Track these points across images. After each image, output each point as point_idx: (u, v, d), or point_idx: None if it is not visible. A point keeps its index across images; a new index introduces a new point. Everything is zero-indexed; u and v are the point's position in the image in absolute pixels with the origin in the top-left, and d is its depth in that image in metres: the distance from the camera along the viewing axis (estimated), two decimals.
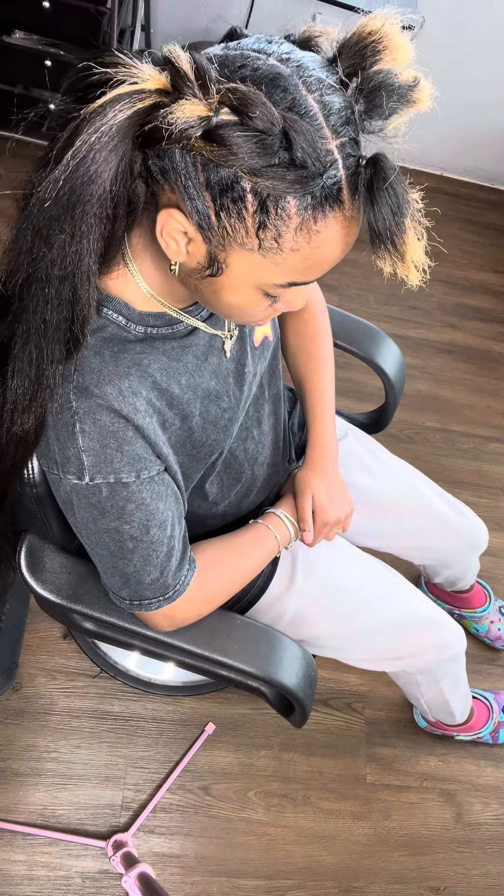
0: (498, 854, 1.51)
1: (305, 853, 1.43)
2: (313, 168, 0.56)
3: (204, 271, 0.65)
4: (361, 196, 0.59)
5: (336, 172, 0.58)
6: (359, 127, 0.59)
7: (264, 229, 0.59)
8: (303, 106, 0.56)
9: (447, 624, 1.21)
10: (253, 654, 0.95)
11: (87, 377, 0.70)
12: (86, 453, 0.72)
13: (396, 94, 0.58)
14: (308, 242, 0.61)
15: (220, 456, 0.94)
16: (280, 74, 0.57)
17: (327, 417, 1.09)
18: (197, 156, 0.57)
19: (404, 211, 0.57)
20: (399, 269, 0.59)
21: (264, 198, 0.57)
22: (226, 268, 0.64)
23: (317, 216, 0.59)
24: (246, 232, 0.60)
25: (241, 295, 0.67)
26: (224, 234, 0.60)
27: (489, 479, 2.02)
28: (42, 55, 1.91)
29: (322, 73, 0.58)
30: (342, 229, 0.61)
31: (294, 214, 0.58)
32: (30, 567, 0.94)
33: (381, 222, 0.57)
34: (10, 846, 1.34)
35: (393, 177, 0.56)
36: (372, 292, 2.30)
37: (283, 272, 0.63)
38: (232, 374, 0.88)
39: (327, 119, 0.57)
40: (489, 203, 2.70)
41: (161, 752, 1.47)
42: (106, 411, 0.71)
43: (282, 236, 0.60)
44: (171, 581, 0.83)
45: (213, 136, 0.55)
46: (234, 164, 0.55)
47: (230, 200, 0.58)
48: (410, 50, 0.58)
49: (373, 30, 0.58)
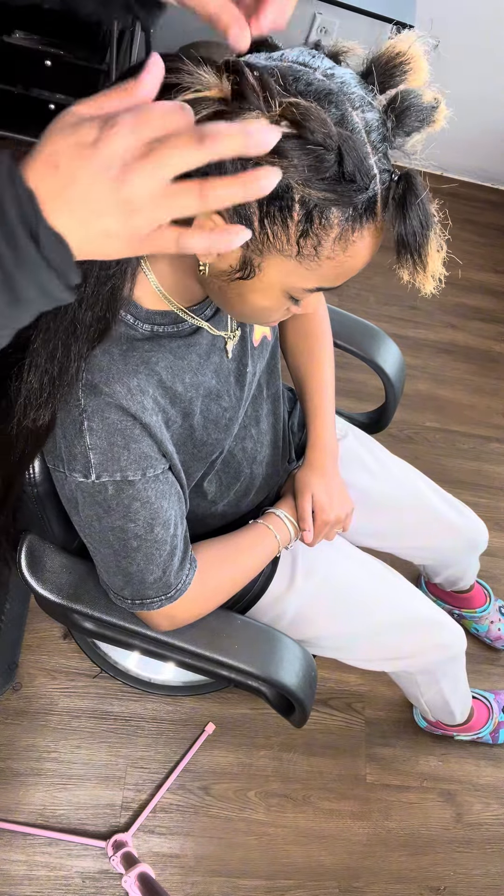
0: (498, 854, 1.51)
1: (305, 853, 1.43)
2: (361, 182, 0.59)
3: (234, 274, 0.66)
4: (391, 208, 0.61)
5: (375, 186, 0.60)
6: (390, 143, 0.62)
7: (306, 237, 0.61)
8: (350, 122, 0.58)
9: (447, 624, 1.21)
10: (253, 654, 0.95)
11: (96, 375, 0.70)
12: (93, 451, 0.72)
13: (423, 114, 0.61)
14: (344, 252, 0.63)
15: (220, 455, 0.94)
16: (331, 91, 0.58)
17: (327, 417, 1.09)
18: (248, 164, 0.57)
19: (431, 224, 0.60)
20: (419, 277, 0.61)
21: (311, 208, 0.59)
22: (259, 272, 0.65)
23: (355, 227, 0.61)
24: (287, 239, 0.61)
25: (268, 298, 0.68)
26: (265, 239, 0.62)
27: (489, 479, 2.02)
28: (42, 55, 1.91)
29: (361, 90, 0.60)
30: (373, 239, 0.64)
31: (336, 225, 0.60)
32: (30, 567, 0.94)
33: (412, 235, 0.60)
34: (10, 846, 1.34)
35: (424, 194, 0.59)
36: (372, 292, 2.30)
37: (314, 278, 0.65)
38: (233, 373, 0.88)
39: (369, 135, 0.59)
40: (489, 203, 2.70)
41: (161, 752, 1.47)
42: (114, 409, 0.71)
43: (321, 245, 0.61)
44: (173, 580, 0.84)
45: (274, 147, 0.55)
46: (291, 176, 0.57)
47: (277, 209, 0.60)
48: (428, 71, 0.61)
49: (401, 51, 0.61)
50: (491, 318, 2.39)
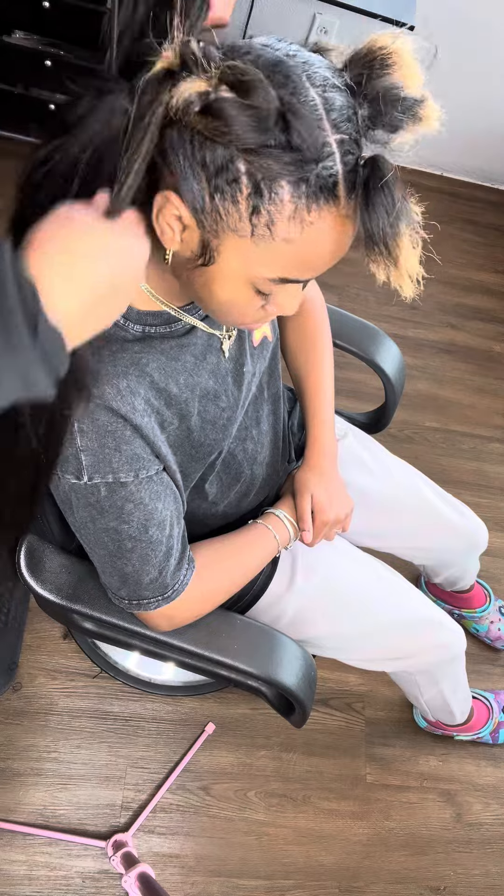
0: (498, 854, 1.51)
1: (305, 853, 1.43)
2: (308, 153, 0.57)
3: (196, 260, 0.65)
4: (358, 196, 0.59)
5: (333, 165, 0.58)
6: (360, 128, 0.60)
7: (258, 214, 0.59)
8: (304, 94, 0.57)
9: (447, 624, 1.21)
10: (253, 654, 0.95)
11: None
12: (84, 453, 0.72)
13: (402, 106, 0.58)
14: (300, 233, 0.60)
15: (219, 456, 0.94)
16: (282, 61, 0.58)
17: (326, 417, 1.09)
18: (195, 133, 0.57)
19: (400, 213, 0.57)
20: (393, 276, 0.59)
21: (258, 180, 0.58)
22: (217, 256, 0.64)
23: (310, 206, 0.59)
24: (239, 217, 0.60)
25: (232, 288, 0.67)
26: (217, 218, 0.61)
27: (489, 479, 2.02)
28: (42, 55, 1.91)
29: (327, 72, 0.59)
30: (337, 226, 0.61)
31: (288, 201, 0.59)
32: (30, 567, 0.94)
33: (375, 221, 0.57)
34: (10, 846, 1.34)
35: (389, 176, 0.57)
36: (372, 292, 2.30)
37: (274, 265, 0.63)
38: (230, 373, 0.88)
39: (328, 113, 0.57)
40: (489, 203, 2.70)
41: (161, 752, 1.47)
42: (104, 411, 0.71)
43: (275, 223, 0.60)
44: (169, 581, 0.83)
45: (210, 109, 0.55)
46: (231, 141, 0.56)
47: (225, 181, 0.58)
48: (420, 74, 0.59)
49: (383, 44, 0.59)
50: (491, 318, 2.39)
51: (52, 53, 1.91)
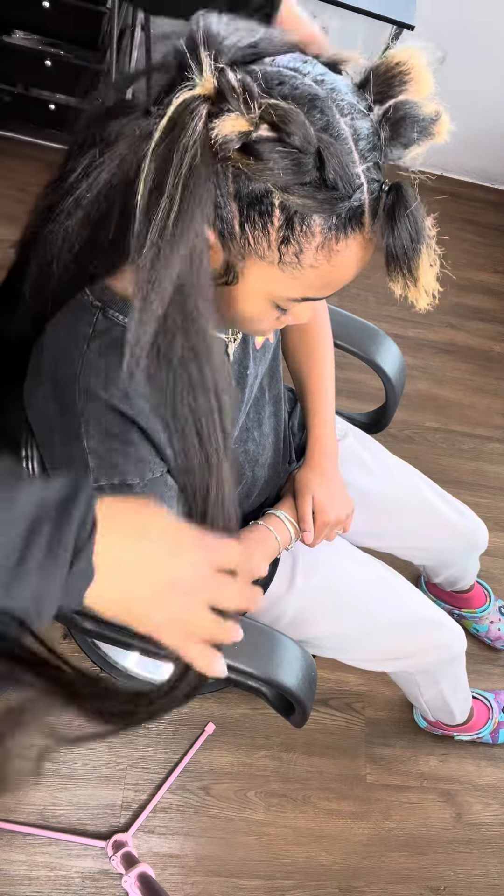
0: (498, 854, 1.51)
1: (305, 853, 1.43)
2: (343, 190, 0.58)
3: (219, 279, 0.66)
4: (380, 220, 0.60)
5: (361, 196, 0.59)
6: (383, 153, 0.61)
7: (287, 244, 0.60)
8: (336, 129, 0.57)
9: (447, 624, 1.21)
10: (253, 655, 0.95)
11: (92, 379, 0.70)
12: (90, 455, 0.72)
13: (419, 126, 0.60)
14: (328, 261, 0.62)
15: None
16: (317, 96, 0.58)
17: (327, 418, 1.09)
18: (229, 166, 0.57)
19: (422, 237, 0.59)
20: (411, 292, 0.61)
21: (291, 214, 0.59)
22: (241, 278, 0.65)
23: (339, 236, 0.60)
24: (268, 245, 0.61)
25: (253, 305, 0.68)
26: (245, 244, 0.61)
27: (489, 479, 2.02)
28: (42, 55, 1.91)
29: (353, 98, 0.60)
30: (360, 250, 0.63)
31: (318, 233, 0.60)
32: None
33: (400, 248, 0.59)
34: (10, 846, 1.34)
35: (414, 205, 0.58)
36: (372, 292, 2.30)
37: (298, 287, 0.64)
38: (234, 376, 0.88)
39: (357, 143, 0.58)
40: (489, 203, 2.70)
41: (161, 752, 1.47)
42: (111, 413, 0.71)
43: (303, 252, 0.61)
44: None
45: (251, 149, 0.55)
46: (268, 180, 0.56)
47: (257, 213, 0.59)
48: (432, 83, 0.60)
49: (401, 61, 0.59)
50: (491, 318, 2.39)
51: (52, 53, 1.91)
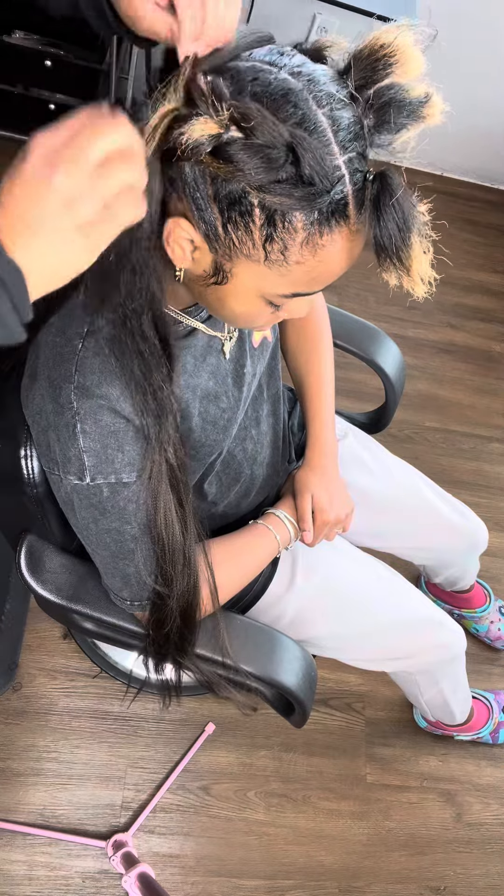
0: (498, 854, 1.51)
1: (305, 853, 1.43)
2: (321, 185, 0.57)
3: (209, 279, 0.66)
4: (367, 210, 0.59)
5: (343, 188, 0.58)
6: (367, 142, 0.59)
7: (271, 242, 0.60)
8: (312, 121, 0.56)
9: (447, 624, 1.21)
10: (253, 655, 0.95)
11: (88, 378, 0.70)
12: (87, 454, 0.72)
13: (407, 110, 0.58)
14: (313, 256, 0.61)
15: (219, 456, 0.94)
16: (291, 90, 0.57)
17: (327, 417, 1.09)
18: (206, 169, 0.57)
19: (410, 226, 0.57)
20: (405, 282, 0.59)
21: (272, 212, 0.58)
22: (231, 277, 0.64)
23: (323, 231, 0.59)
24: (253, 244, 0.60)
25: (246, 303, 0.67)
26: (231, 245, 0.61)
27: (489, 479, 2.02)
28: (42, 55, 1.91)
29: (333, 87, 0.58)
30: (347, 243, 0.61)
31: (301, 229, 0.59)
32: (30, 567, 0.94)
33: (387, 238, 0.57)
34: (10, 846, 1.34)
35: (399, 193, 0.57)
36: (372, 292, 2.30)
37: (287, 283, 0.64)
38: (230, 374, 0.88)
39: (336, 134, 0.57)
40: (489, 203, 2.70)
41: (161, 752, 1.47)
42: (107, 412, 0.71)
43: (288, 249, 0.60)
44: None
45: (221, 152, 0.55)
46: (241, 180, 0.56)
47: (238, 214, 0.59)
48: (422, 62, 0.58)
49: (385, 42, 0.57)
50: (490, 318, 2.39)
51: (52, 53, 1.91)
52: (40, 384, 0.74)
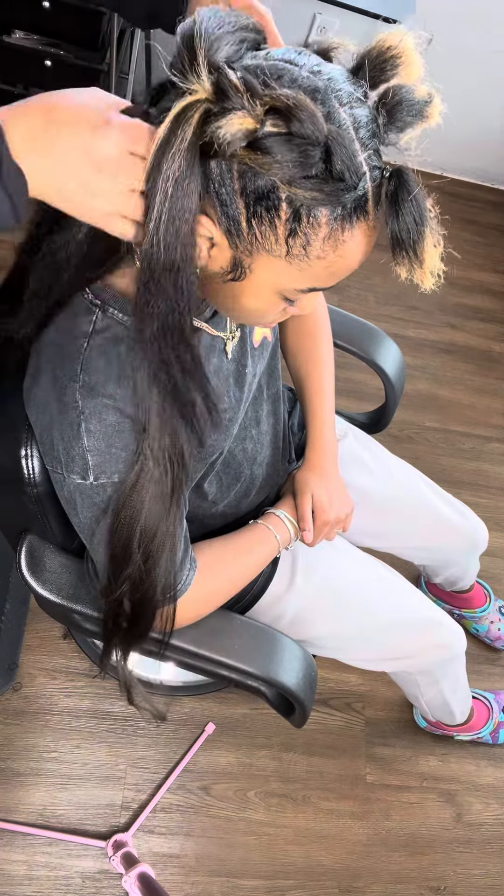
0: (498, 854, 1.51)
1: (305, 853, 1.43)
2: (350, 181, 0.58)
3: (226, 275, 0.66)
4: (384, 206, 0.61)
5: (365, 184, 0.59)
6: (381, 139, 0.61)
7: (294, 237, 0.60)
8: (337, 119, 0.57)
9: (447, 624, 1.21)
10: (253, 654, 0.95)
11: (93, 377, 0.70)
12: (91, 453, 0.72)
13: (414, 110, 0.60)
14: (334, 251, 0.62)
15: (219, 456, 0.94)
16: (317, 88, 0.57)
17: (327, 417, 1.09)
18: (233, 164, 0.57)
19: (425, 220, 0.59)
20: (416, 274, 0.60)
21: (298, 207, 0.59)
22: (249, 273, 0.65)
23: (345, 226, 0.60)
24: (276, 239, 0.61)
25: (261, 299, 0.68)
26: (253, 240, 0.61)
27: (489, 479, 2.02)
28: (42, 55, 1.91)
29: (349, 86, 0.59)
30: (365, 238, 0.63)
31: (324, 224, 0.60)
32: (30, 567, 0.94)
33: (405, 232, 0.59)
34: (10, 846, 1.34)
35: (417, 189, 0.58)
36: (372, 292, 2.30)
37: (306, 278, 0.64)
38: (232, 374, 0.88)
39: (357, 132, 0.58)
40: (489, 203, 2.70)
41: (161, 752, 1.47)
42: (112, 411, 0.71)
43: (310, 244, 0.61)
44: (173, 581, 0.83)
45: (258, 145, 0.56)
46: (275, 174, 0.57)
47: (264, 209, 0.59)
48: (422, 65, 0.60)
49: (392, 45, 0.60)
50: (491, 318, 2.39)
51: (52, 53, 1.91)
52: (44, 383, 0.74)
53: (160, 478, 0.72)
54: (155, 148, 0.55)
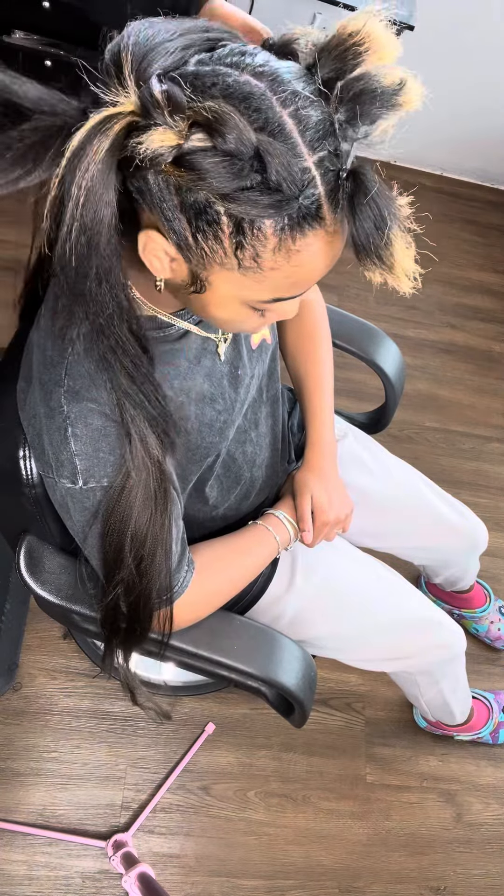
0: (498, 854, 1.51)
1: (305, 853, 1.43)
2: (289, 191, 0.54)
3: (188, 288, 0.64)
4: (344, 208, 0.57)
5: (314, 191, 0.55)
6: (339, 138, 0.57)
7: (242, 249, 0.58)
8: (276, 123, 0.54)
9: (447, 624, 1.21)
10: (253, 655, 0.95)
11: (77, 381, 0.70)
12: (78, 457, 0.72)
13: (380, 100, 0.54)
14: (288, 262, 0.59)
15: (218, 459, 0.94)
16: (251, 94, 0.54)
17: (326, 418, 1.09)
18: (169, 179, 0.55)
19: (389, 222, 0.55)
20: (389, 279, 0.57)
21: (239, 220, 0.56)
22: (209, 286, 0.63)
23: (295, 236, 0.57)
24: (224, 253, 0.58)
25: (229, 310, 0.66)
26: (203, 254, 0.59)
27: (489, 479, 2.02)
28: (42, 55, 1.91)
29: (299, 84, 0.55)
30: (324, 245, 0.59)
31: (271, 235, 0.57)
32: (29, 568, 0.94)
33: (364, 237, 0.55)
34: (10, 846, 1.34)
35: (374, 190, 0.54)
36: (372, 292, 2.30)
37: (266, 289, 0.62)
38: (226, 376, 0.87)
39: (303, 135, 0.54)
40: (489, 203, 2.70)
41: (161, 752, 1.47)
42: (98, 415, 0.71)
43: (260, 256, 0.58)
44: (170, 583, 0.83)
45: (183, 161, 0.53)
46: (205, 189, 0.54)
47: (205, 223, 0.57)
48: (397, 46, 0.54)
49: (353, 30, 0.54)
50: (491, 318, 2.39)
51: (52, 53, 1.91)
52: (34, 388, 0.74)
53: (146, 482, 0.72)
54: (69, 154, 0.52)
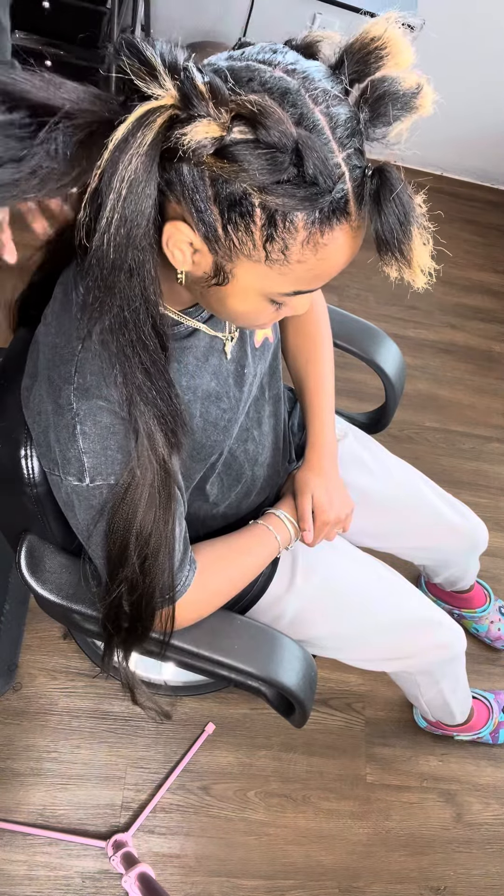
0: (498, 854, 1.51)
1: (305, 853, 1.43)
2: (324, 185, 0.56)
3: (210, 280, 0.65)
4: (367, 205, 0.59)
5: (343, 186, 0.58)
6: (364, 137, 0.59)
7: (271, 242, 0.59)
8: (311, 120, 0.56)
9: (447, 624, 1.21)
10: (253, 654, 0.95)
11: (88, 379, 0.70)
12: (86, 455, 0.72)
13: (401, 102, 0.58)
14: (315, 254, 0.61)
15: (220, 457, 0.94)
16: (288, 89, 0.56)
17: (327, 417, 1.09)
18: (205, 170, 0.57)
19: (411, 219, 0.57)
20: (406, 274, 0.59)
21: (273, 212, 0.58)
22: (232, 277, 0.64)
23: (324, 229, 0.59)
24: (253, 245, 0.60)
25: (247, 303, 0.67)
26: (231, 246, 0.61)
27: (489, 479, 2.02)
28: (42, 55, 1.91)
29: (327, 83, 0.58)
30: (348, 239, 0.61)
31: (302, 228, 0.59)
32: (30, 567, 0.94)
33: (389, 232, 0.57)
34: (10, 846, 1.34)
35: (400, 187, 0.57)
36: (372, 292, 2.30)
37: (289, 282, 0.64)
38: (232, 375, 0.88)
39: (334, 132, 0.57)
40: (489, 203, 2.70)
41: (161, 752, 1.47)
42: (107, 413, 0.71)
43: (288, 248, 0.60)
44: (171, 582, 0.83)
45: (225, 153, 0.55)
46: (245, 181, 0.55)
47: (238, 215, 0.58)
48: (412, 53, 0.58)
49: (376, 35, 0.58)
50: (491, 318, 2.39)
51: (52, 53, 1.91)
52: (40, 385, 0.74)
53: (151, 480, 0.72)
54: (112, 146, 0.53)
